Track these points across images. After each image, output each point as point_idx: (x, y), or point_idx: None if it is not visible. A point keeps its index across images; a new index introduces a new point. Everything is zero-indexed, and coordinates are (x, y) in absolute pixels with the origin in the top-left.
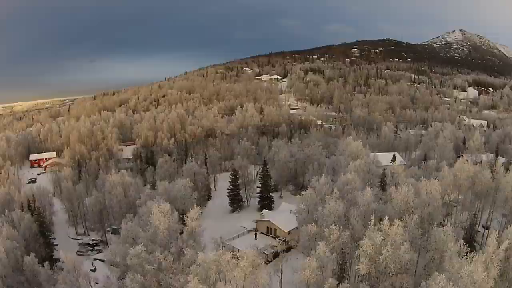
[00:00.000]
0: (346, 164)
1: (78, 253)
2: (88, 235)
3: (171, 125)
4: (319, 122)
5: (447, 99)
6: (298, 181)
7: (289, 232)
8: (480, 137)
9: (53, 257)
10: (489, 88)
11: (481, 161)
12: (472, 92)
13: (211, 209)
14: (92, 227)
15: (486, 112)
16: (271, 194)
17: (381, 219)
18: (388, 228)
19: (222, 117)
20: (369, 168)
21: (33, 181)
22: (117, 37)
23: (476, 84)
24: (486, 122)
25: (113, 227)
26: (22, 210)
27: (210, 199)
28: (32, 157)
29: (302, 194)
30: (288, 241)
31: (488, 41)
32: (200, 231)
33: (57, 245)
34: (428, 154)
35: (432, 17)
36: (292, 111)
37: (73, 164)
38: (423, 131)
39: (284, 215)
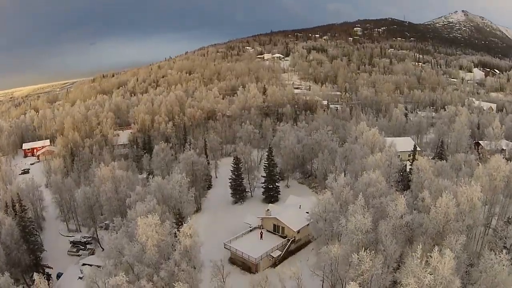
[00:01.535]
0: (362, 154)
1: (69, 253)
2: (80, 231)
3: (169, 107)
4: (325, 102)
5: (454, 79)
6: (306, 168)
7: (298, 231)
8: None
9: (40, 262)
10: (495, 70)
11: (502, 150)
12: (478, 73)
13: (212, 200)
14: (83, 223)
15: (493, 94)
16: (277, 184)
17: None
18: (438, 263)
19: (223, 98)
20: (390, 161)
21: (26, 171)
22: (117, 19)
23: (482, 65)
24: (495, 105)
25: (106, 222)
26: (6, 212)
27: (210, 187)
28: (25, 146)
29: (315, 190)
30: (297, 240)
31: (491, 22)
32: (197, 249)
33: (45, 250)
34: (443, 139)
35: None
36: (296, 91)
37: (66, 152)
38: (434, 113)
39: (293, 211)
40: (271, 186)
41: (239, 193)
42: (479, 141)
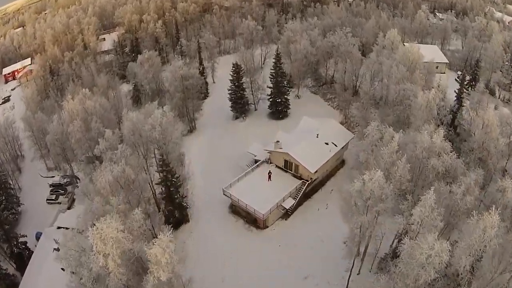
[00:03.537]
0: (400, 76)
1: (48, 201)
2: (60, 168)
3: (159, 4)
4: None
5: None
6: (319, 74)
7: (316, 171)
8: None
9: (13, 234)
10: None
11: None
12: None
13: (208, 115)
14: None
15: (510, 7)
16: (286, 96)
17: None
18: None
19: None
20: (443, 99)
21: (6, 100)
22: None
23: None
24: None
25: (86, 156)
26: None
27: (207, 97)
28: (6, 70)
29: (331, 103)
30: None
31: None
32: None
33: (22, 204)
34: (472, 55)
35: None
36: None
37: (44, 72)
38: (454, 18)
39: (309, 144)
40: (279, 99)
41: (240, 107)
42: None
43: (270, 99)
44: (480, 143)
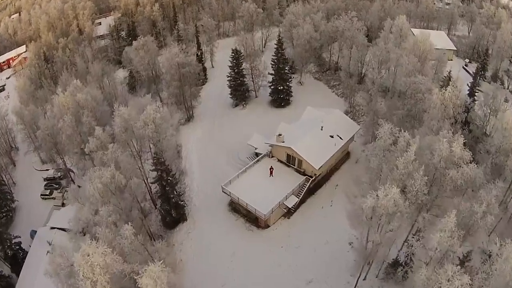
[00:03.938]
0: (410, 67)
1: (42, 197)
2: (54, 161)
3: None
4: None
5: None
6: (322, 59)
7: (320, 166)
8: None
9: (5, 236)
10: None
11: None
12: None
13: (207, 102)
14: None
15: None
16: (288, 84)
17: None
18: None
19: None
20: (457, 95)
21: (1, 89)
22: None
23: None
24: None
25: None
26: None
27: (205, 82)
28: (0, 58)
29: (335, 90)
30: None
31: None
32: None
33: (16, 200)
34: (480, 42)
35: None
36: None
37: (38, 60)
38: (460, 3)
39: (313, 138)
40: (281, 87)
41: (240, 94)
42: None
43: (272, 87)
44: (498, 147)
